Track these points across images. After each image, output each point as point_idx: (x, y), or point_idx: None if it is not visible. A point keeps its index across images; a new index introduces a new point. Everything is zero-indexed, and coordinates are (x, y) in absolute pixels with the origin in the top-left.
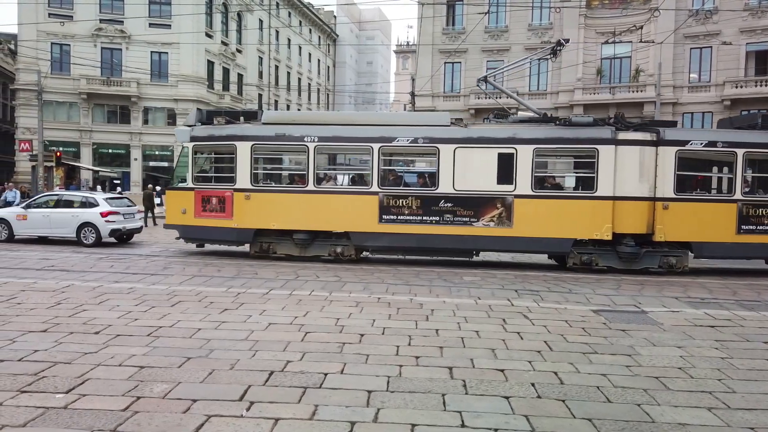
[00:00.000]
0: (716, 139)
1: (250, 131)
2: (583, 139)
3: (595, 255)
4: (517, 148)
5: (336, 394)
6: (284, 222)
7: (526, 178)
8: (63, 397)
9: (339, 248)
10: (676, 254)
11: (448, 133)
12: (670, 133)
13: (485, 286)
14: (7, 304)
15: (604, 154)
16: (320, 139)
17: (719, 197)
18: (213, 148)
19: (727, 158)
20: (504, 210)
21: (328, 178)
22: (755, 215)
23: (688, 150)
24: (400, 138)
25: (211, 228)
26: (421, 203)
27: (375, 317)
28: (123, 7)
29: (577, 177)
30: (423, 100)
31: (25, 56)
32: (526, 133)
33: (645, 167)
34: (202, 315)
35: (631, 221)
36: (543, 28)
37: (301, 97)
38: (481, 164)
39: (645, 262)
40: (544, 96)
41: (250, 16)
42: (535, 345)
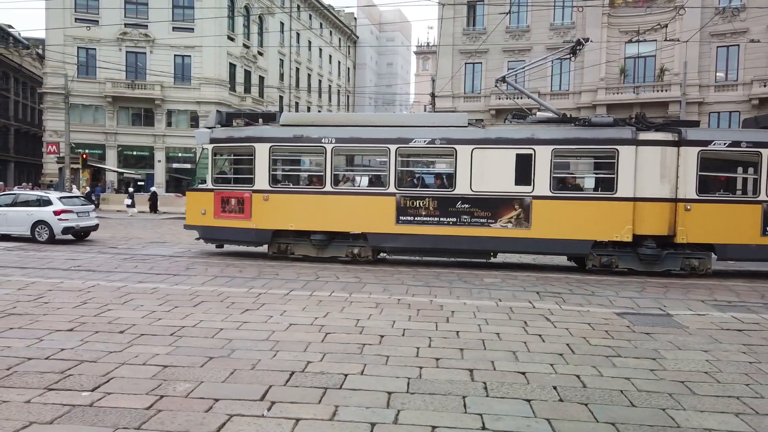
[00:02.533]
0: (740, 138)
1: (269, 133)
2: (603, 140)
3: (615, 257)
4: (535, 149)
5: (356, 395)
6: (302, 223)
7: (544, 178)
8: (89, 395)
9: (356, 249)
10: (698, 256)
11: (466, 134)
12: (692, 133)
13: (506, 287)
14: (35, 303)
15: (624, 155)
16: (337, 140)
17: (743, 198)
18: (232, 149)
19: (752, 158)
20: (522, 211)
21: (346, 179)
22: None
23: (711, 150)
24: (417, 139)
25: (230, 229)
26: (438, 204)
27: (395, 318)
28: (147, 12)
29: (597, 178)
30: (443, 101)
31: (52, 60)
32: (545, 133)
33: (666, 168)
34: (224, 315)
35: (652, 223)
36: (565, 27)
37: (322, 99)
38: (498, 165)
39: (666, 264)
40: (566, 96)
41: (272, 19)
42: (557, 348)
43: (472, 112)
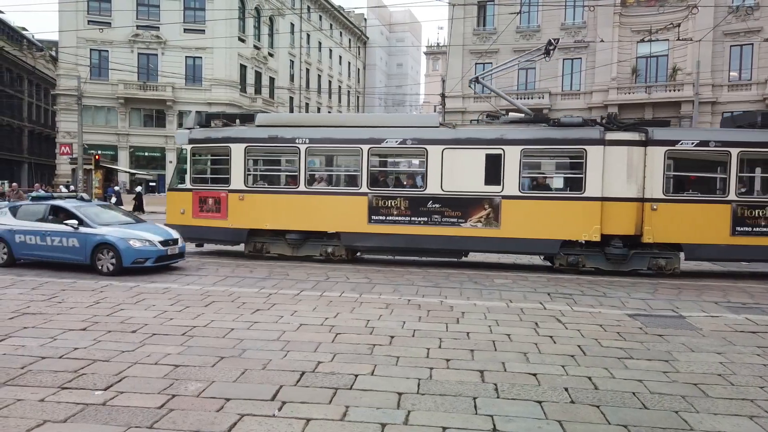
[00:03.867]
0: (708, 138)
1: (244, 133)
2: (571, 140)
3: (583, 256)
4: (504, 149)
5: (366, 395)
6: (276, 222)
7: (513, 178)
8: (101, 394)
9: (330, 248)
10: (666, 256)
11: (437, 134)
12: (658, 133)
13: (517, 288)
14: (49, 302)
15: (592, 155)
16: (311, 140)
17: (712, 198)
18: (210, 150)
19: (721, 158)
20: (492, 211)
21: (319, 179)
22: (751, 216)
23: (678, 150)
24: (389, 139)
25: (207, 228)
26: (410, 204)
27: (405, 319)
28: (159, 14)
29: (566, 178)
30: (453, 101)
31: (65, 62)
32: (514, 133)
33: (633, 168)
34: (235, 315)
35: (619, 222)
36: (576, 27)
37: (332, 100)
38: (469, 165)
39: (633, 264)
40: (577, 96)
41: (282, 20)
42: (568, 349)
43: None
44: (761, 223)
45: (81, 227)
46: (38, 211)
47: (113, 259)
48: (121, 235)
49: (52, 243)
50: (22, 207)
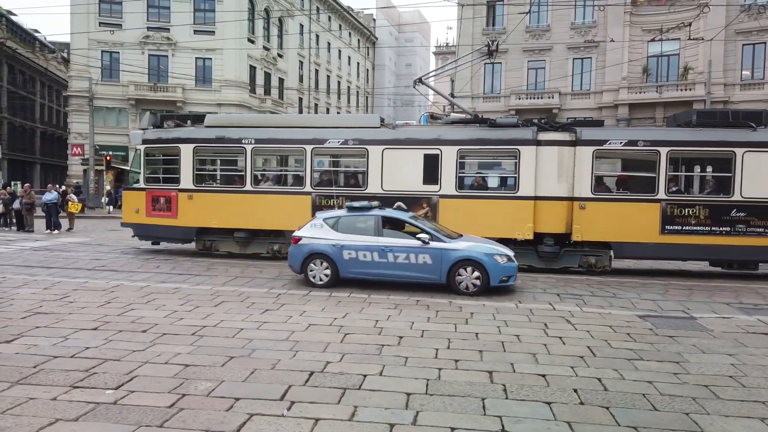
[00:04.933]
0: (637, 137)
1: (193, 134)
2: (505, 140)
3: (516, 254)
4: (442, 149)
5: (375, 395)
6: (224, 221)
7: (450, 178)
8: (112, 393)
9: (276, 246)
10: (596, 254)
11: (377, 135)
12: (587, 133)
13: (526, 289)
14: (61, 302)
15: (525, 155)
16: (257, 141)
17: (641, 197)
18: (161, 150)
19: (650, 157)
20: (430, 210)
21: (265, 179)
22: (681, 215)
23: (606, 149)
24: (331, 140)
25: (159, 226)
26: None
27: (414, 320)
28: (169, 15)
29: (501, 177)
30: (462, 101)
31: (77, 64)
32: (451, 134)
33: (564, 167)
34: (244, 315)
35: (551, 221)
36: (586, 26)
37: (341, 100)
38: (408, 165)
39: (564, 262)
40: (587, 96)
41: (291, 21)
42: (577, 350)
43: (491, 112)
44: (691, 222)
45: (432, 242)
46: (366, 222)
47: (477, 277)
48: (486, 251)
49: (394, 260)
50: (343, 219)
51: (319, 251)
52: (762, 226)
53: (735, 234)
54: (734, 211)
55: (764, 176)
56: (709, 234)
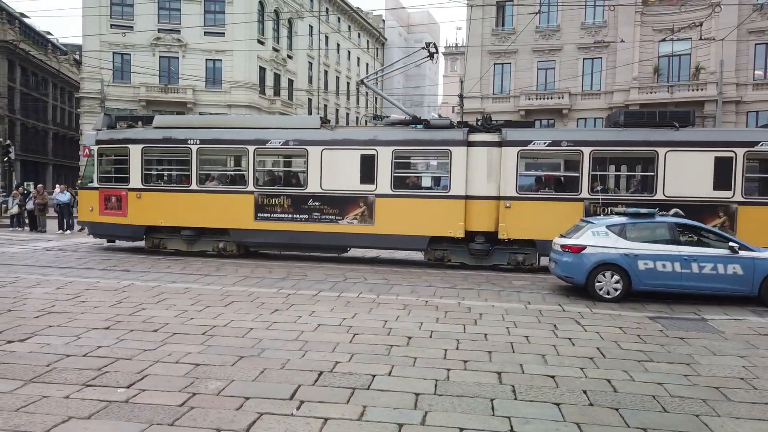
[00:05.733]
0: (561, 138)
1: (142, 135)
2: (438, 141)
3: (449, 252)
4: (377, 150)
5: (384, 395)
6: (171, 219)
7: (386, 178)
8: (124, 391)
9: (221, 244)
10: (524, 252)
11: (316, 136)
12: (511, 134)
13: (536, 290)
14: (73, 302)
15: (456, 155)
16: (202, 141)
17: (564, 196)
18: (113, 150)
19: (573, 157)
20: (366, 208)
21: (211, 179)
22: (595, 213)
23: (530, 150)
24: (273, 140)
25: (111, 225)
26: (292, 202)
27: (423, 320)
28: (180, 17)
29: (434, 177)
30: (472, 102)
31: (89, 66)
32: (386, 135)
33: (492, 167)
34: (254, 315)
35: (480, 219)
36: (597, 26)
37: (350, 101)
38: (345, 165)
39: (495, 259)
40: (597, 96)
41: (301, 22)
42: (587, 351)
43: (501, 113)
44: None
45: (741, 251)
46: (658, 230)
47: None
48: None
49: (699, 271)
50: (631, 226)
51: (610, 261)
52: None
53: None
54: (657, 209)
55: (686, 175)
56: None
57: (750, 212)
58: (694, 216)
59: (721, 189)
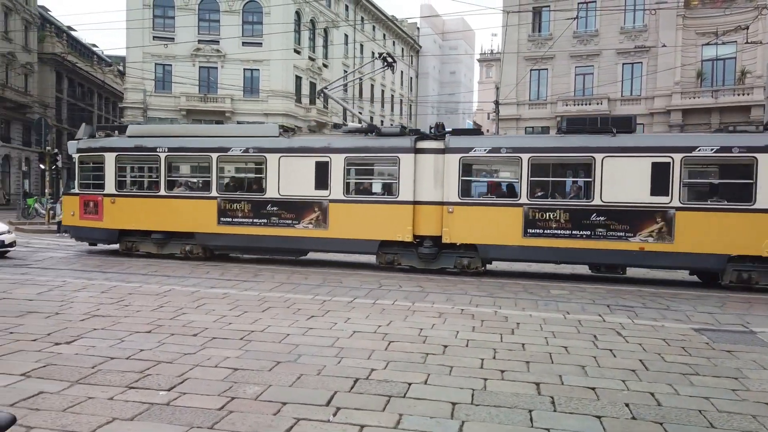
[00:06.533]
0: (501, 144)
1: (115, 143)
2: (387, 148)
3: (399, 255)
4: (331, 157)
5: (420, 404)
6: (142, 223)
7: (339, 184)
8: (165, 394)
9: (188, 247)
10: (469, 256)
11: (274, 143)
12: (453, 141)
13: (574, 300)
14: (117, 306)
15: (404, 162)
16: (170, 149)
17: (504, 201)
18: (91, 158)
19: (513, 163)
20: (321, 213)
21: (178, 184)
22: (541, 219)
23: (472, 156)
24: (234, 148)
25: (89, 228)
26: (252, 207)
27: (458, 329)
28: (219, 28)
29: (383, 183)
30: (507, 108)
31: (132, 77)
32: (339, 143)
33: (438, 174)
34: (290, 321)
35: (427, 224)
36: (637, 30)
37: (384, 109)
38: (301, 171)
39: (442, 263)
40: (638, 101)
41: (336, 31)
42: (629, 363)
43: (537, 119)
44: (552, 226)
45: None
46: None
47: None
48: None
49: None
50: None
51: None
52: (622, 230)
53: (596, 238)
54: (594, 215)
55: (623, 181)
56: (569, 237)
57: (688, 218)
58: (631, 221)
59: (658, 194)
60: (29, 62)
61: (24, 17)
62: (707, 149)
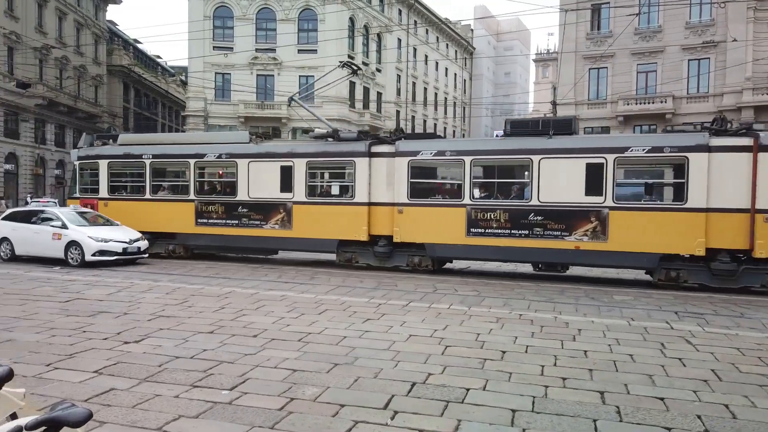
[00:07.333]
0: (445, 148)
1: (108, 151)
2: (344, 153)
3: (357, 253)
4: (294, 162)
5: (479, 410)
6: (130, 224)
7: (301, 187)
8: (228, 393)
9: (171, 246)
10: (419, 254)
11: (244, 149)
12: (403, 145)
13: (639, 306)
14: (181, 306)
15: (359, 165)
16: (154, 156)
17: (449, 202)
18: (88, 165)
19: (456, 165)
20: (286, 214)
21: (162, 188)
22: (484, 219)
23: (419, 159)
24: (209, 154)
25: None
26: (225, 209)
27: (517, 334)
28: (275, 37)
29: (341, 186)
30: (565, 108)
31: (193, 86)
32: (301, 148)
33: (390, 176)
34: (346, 323)
35: (382, 224)
36: (703, 25)
37: (438, 112)
38: (268, 175)
39: (396, 261)
40: (705, 99)
41: (389, 36)
42: (700, 373)
43: (597, 119)
44: (493, 225)
45: None
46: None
47: None
48: None
49: None
50: None
51: None
52: (558, 229)
53: (534, 237)
54: (532, 215)
55: (559, 181)
56: (509, 236)
57: (621, 217)
58: (567, 221)
59: (592, 194)
60: (99, 74)
61: (94, 32)
62: (639, 149)
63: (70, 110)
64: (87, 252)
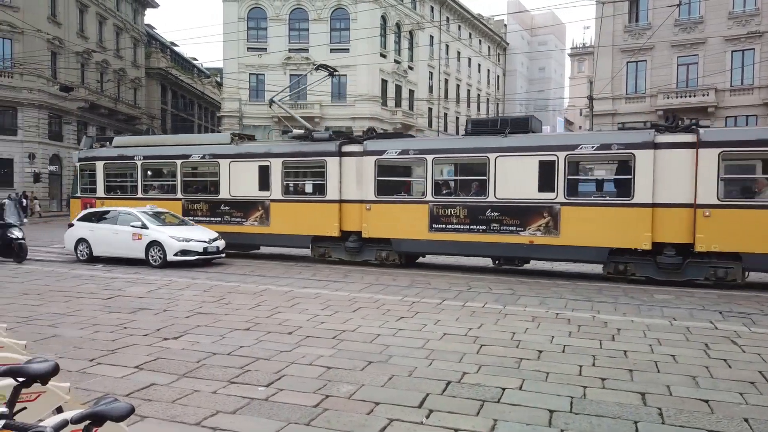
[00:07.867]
0: (408, 147)
1: (104, 153)
2: (317, 152)
3: (329, 249)
4: (271, 161)
5: (515, 410)
6: None
7: (278, 185)
8: (264, 390)
9: None
10: (387, 249)
11: (225, 150)
12: (370, 144)
13: (681, 305)
14: (218, 304)
15: (330, 165)
16: (144, 157)
17: (412, 199)
18: (87, 166)
19: (419, 164)
20: (264, 212)
21: (152, 188)
22: (444, 215)
23: (385, 158)
24: (194, 155)
25: None
26: (209, 207)
27: (554, 333)
28: (308, 36)
29: (315, 184)
30: (602, 103)
31: (228, 87)
32: (278, 148)
33: (359, 174)
34: (380, 321)
35: (352, 221)
36: (747, 15)
37: (470, 109)
38: (247, 174)
39: (365, 255)
40: (750, 91)
41: (422, 33)
42: (746, 375)
43: (635, 114)
44: (453, 221)
45: None
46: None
47: None
48: None
49: None
50: None
51: None
52: (513, 225)
53: (491, 232)
54: (489, 211)
55: (514, 179)
56: (468, 232)
57: (572, 212)
58: (521, 217)
59: (545, 191)
60: (137, 77)
61: (133, 36)
62: (588, 147)
63: (111, 112)
64: (169, 252)
